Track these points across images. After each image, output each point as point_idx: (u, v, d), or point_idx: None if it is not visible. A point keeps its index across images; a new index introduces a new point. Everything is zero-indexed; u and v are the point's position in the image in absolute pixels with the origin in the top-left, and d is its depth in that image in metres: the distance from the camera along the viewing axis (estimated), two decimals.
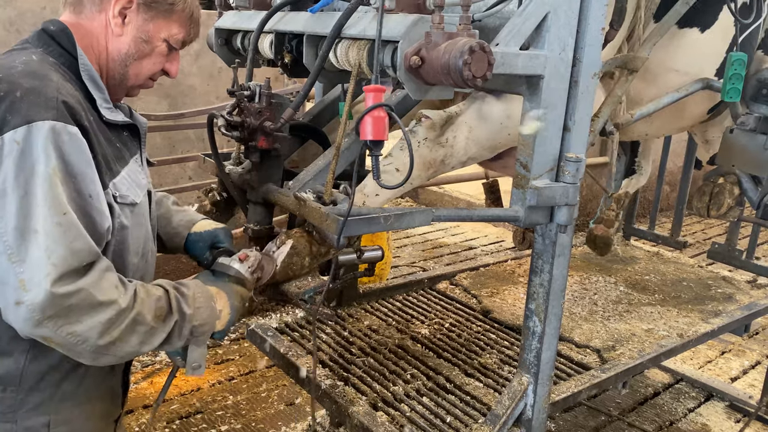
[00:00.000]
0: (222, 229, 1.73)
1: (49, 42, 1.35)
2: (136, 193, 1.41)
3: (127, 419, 3.16)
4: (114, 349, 1.24)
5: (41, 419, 1.33)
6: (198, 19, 1.54)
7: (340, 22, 1.56)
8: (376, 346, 2.53)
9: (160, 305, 1.32)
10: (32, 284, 1.14)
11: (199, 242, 1.69)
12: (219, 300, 1.46)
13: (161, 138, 3.84)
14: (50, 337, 1.18)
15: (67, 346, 1.20)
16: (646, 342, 2.64)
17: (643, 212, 7.28)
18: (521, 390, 1.97)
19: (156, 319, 1.30)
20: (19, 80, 1.21)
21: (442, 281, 3.25)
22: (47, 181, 1.16)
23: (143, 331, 1.27)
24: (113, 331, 1.22)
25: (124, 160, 1.41)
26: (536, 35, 1.62)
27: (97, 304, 1.19)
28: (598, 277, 3.39)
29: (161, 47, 1.46)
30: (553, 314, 1.92)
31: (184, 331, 1.36)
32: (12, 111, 1.17)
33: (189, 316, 1.37)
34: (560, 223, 1.79)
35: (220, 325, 1.45)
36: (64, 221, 1.17)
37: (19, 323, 1.16)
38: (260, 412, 3.33)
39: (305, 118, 2.16)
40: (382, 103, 1.34)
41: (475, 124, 1.83)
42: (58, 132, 1.18)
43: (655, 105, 2.19)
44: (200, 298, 1.42)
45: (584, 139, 1.78)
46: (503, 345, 2.61)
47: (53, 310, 1.15)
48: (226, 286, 1.51)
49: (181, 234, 1.71)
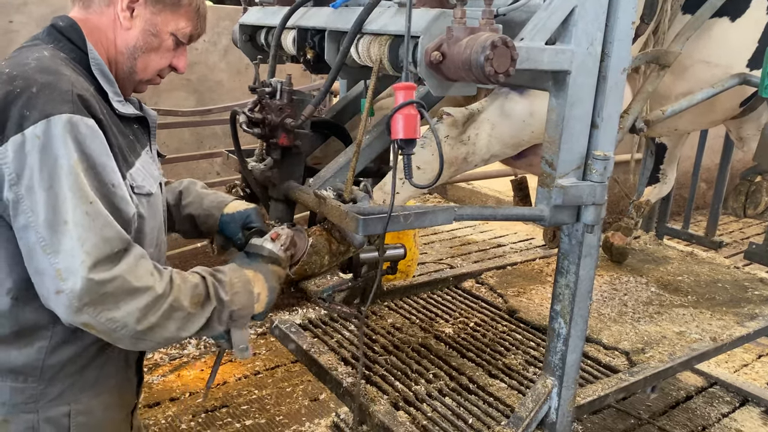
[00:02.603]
0: (253, 209, 1.73)
1: (59, 38, 1.37)
2: (151, 184, 1.42)
3: (154, 412, 3.21)
4: (152, 334, 1.26)
5: (62, 409, 1.35)
6: (205, 14, 1.54)
7: (361, 18, 1.54)
8: (399, 344, 2.51)
9: (198, 292, 1.34)
10: (68, 273, 1.16)
11: (232, 223, 1.70)
12: (257, 283, 1.48)
13: (189, 133, 3.88)
14: (91, 323, 1.20)
15: (107, 332, 1.22)
16: (677, 345, 2.56)
17: (678, 210, 7.11)
18: (545, 393, 1.93)
19: (194, 305, 1.32)
20: (33, 76, 1.22)
21: (468, 279, 3.21)
22: (71, 172, 1.18)
23: (181, 317, 1.29)
24: (151, 316, 1.24)
25: (137, 152, 1.42)
26: (563, 30, 1.57)
27: (133, 290, 1.22)
28: (628, 277, 3.32)
29: (168, 41, 1.46)
30: (579, 316, 1.87)
31: (223, 316, 1.38)
32: (29, 107, 1.19)
33: (227, 302, 1.39)
34: (587, 223, 1.75)
35: (259, 308, 1.47)
36: (91, 210, 1.19)
37: (61, 311, 1.19)
38: (284, 407, 3.34)
39: (328, 114, 2.14)
40: (414, 100, 1.31)
41: (497, 121, 1.79)
42: (76, 124, 1.20)
43: (689, 101, 2.11)
44: (237, 283, 1.43)
45: (613, 136, 1.73)
46: (529, 346, 2.57)
47: (90, 296, 1.17)
48: (261, 267, 1.52)
49: (213, 215, 1.72)
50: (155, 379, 3.51)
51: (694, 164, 4.05)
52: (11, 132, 1.18)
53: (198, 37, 1.57)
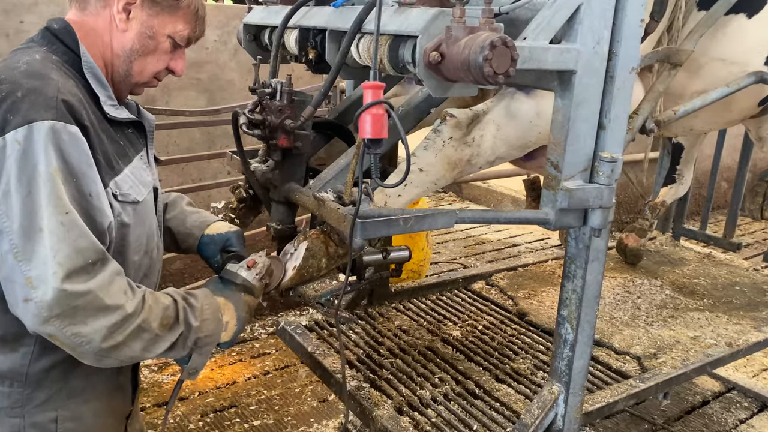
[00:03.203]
0: (234, 233, 1.72)
1: (53, 40, 1.36)
2: (139, 191, 1.40)
3: (162, 411, 3.21)
4: (117, 353, 1.25)
5: (49, 415, 1.34)
6: (204, 17, 1.52)
7: (360, 17, 1.51)
8: (406, 347, 2.48)
9: (168, 314, 1.32)
10: (39, 282, 1.15)
11: (211, 245, 1.69)
12: (226, 312, 1.47)
13: (200, 133, 3.87)
14: (56, 335, 1.19)
15: (71, 345, 1.21)
16: (691, 350, 2.50)
17: (698, 209, 6.98)
18: (551, 399, 1.89)
19: (162, 327, 1.30)
20: (20, 80, 1.21)
21: (478, 281, 3.17)
22: (49, 180, 1.16)
23: (147, 338, 1.28)
24: (117, 335, 1.22)
25: (127, 158, 1.40)
26: (568, 28, 1.53)
27: (104, 308, 1.20)
28: (642, 280, 3.25)
29: (165, 44, 1.45)
30: (586, 321, 1.83)
31: (188, 341, 1.37)
32: (13, 111, 1.18)
33: (195, 327, 1.37)
34: (594, 226, 1.70)
35: (226, 337, 1.47)
36: (66, 220, 1.17)
37: (28, 319, 1.18)
38: (293, 408, 3.33)
39: (331, 115, 2.12)
40: (381, 100, 1.28)
41: (503, 122, 1.75)
42: (58, 131, 1.18)
43: (702, 101, 2.05)
44: (207, 309, 1.42)
45: (621, 137, 1.68)
46: (538, 350, 2.53)
47: (60, 308, 1.16)
48: (233, 295, 1.51)
49: (194, 235, 1.70)
50: (165, 378, 3.52)
51: (712, 163, 3.97)
52: None
53: (197, 40, 1.55)
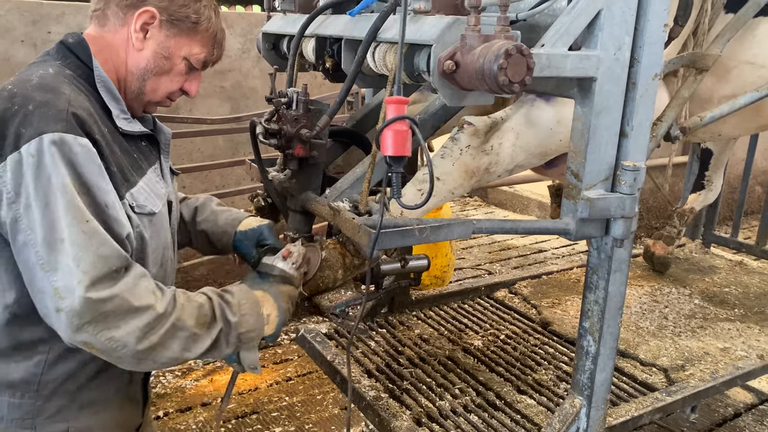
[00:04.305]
0: (266, 225, 1.71)
1: (67, 54, 1.37)
2: (155, 203, 1.40)
3: (185, 416, 3.23)
4: (154, 354, 1.25)
5: (59, 426, 1.35)
6: (222, 41, 1.52)
7: (375, 26, 1.49)
8: (426, 356, 2.45)
9: (203, 312, 1.32)
10: (66, 292, 1.16)
11: (245, 241, 1.69)
12: (265, 304, 1.45)
13: (224, 140, 3.91)
14: (91, 342, 1.19)
15: (107, 351, 1.21)
16: (721, 362, 2.43)
17: (730, 215, 6.81)
18: (573, 413, 1.85)
19: (199, 325, 1.30)
20: (32, 94, 1.23)
21: (501, 289, 3.13)
22: (65, 191, 1.17)
23: (184, 336, 1.27)
24: (152, 335, 1.22)
25: (141, 170, 1.41)
26: (588, 34, 1.49)
27: (133, 310, 1.21)
28: (671, 288, 3.17)
29: (180, 66, 1.45)
30: (609, 334, 1.78)
31: (230, 338, 1.36)
32: (25, 124, 1.19)
33: (235, 323, 1.37)
34: (616, 236, 1.66)
35: (269, 330, 1.45)
36: (87, 229, 1.18)
37: (62, 330, 1.19)
38: (314, 415, 3.32)
39: (349, 122, 2.10)
40: (405, 115, 1.26)
41: (522, 129, 1.71)
42: (69, 144, 1.19)
43: (730, 107, 1.99)
44: (245, 304, 1.41)
45: (644, 145, 1.64)
46: (561, 360, 2.48)
47: (90, 315, 1.17)
48: (271, 288, 1.50)
49: (228, 233, 1.71)
50: (188, 383, 3.54)
51: (744, 167, 3.86)
52: (9, 150, 1.18)
53: (213, 63, 1.55)
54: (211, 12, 1.47)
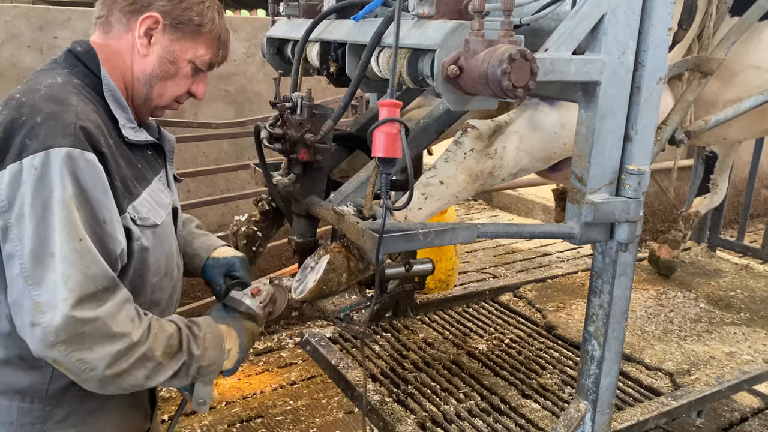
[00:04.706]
0: (239, 258, 1.73)
1: (76, 63, 1.37)
2: (158, 214, 1.40)
3: (190, 421, 3.24)
4: (120, 380, 1.25)
5: (68, 431, 1.35)
6: (227, 41, 1.52)
7: (379, 31, 1.50)
8: (430, 360, 2.45)
9: (171, 343, 1.33)
10: (48, 307, 1.16)
11: (215, 267, 1.70)
12: (229, 339, 1.48)
13: (228, 144, 3.92)
14: (60, 360, 1.19)
15: (75, 371, 1.21)
16: (727, 367, 2.42)
17: (735, 218, 6.79)
18: (578, 417, 1.84)
19: (165, 356, 1.31)
20: (40, 105, 1.23)
21: (506, 293, 3.12)
22: (64, 207, 1.17)
23: (151, 366, 1.28)
24: (122, 363, 1.23)
25: (146, 180, 1.41)
26: (591, 38, 1.49)
27: (111, 335, 1.21)
28: (676, 292, 3.16)
29: (186, 69, 1.45)
30: (614, 338, 1.78)
31: (191, 370, 1.37)
32: (31, 136, 1.19)
33: (197, 356, 1.38)
34: (621, 240, 1.65)
35: (228, 364, 1.48)
36: (80, 247, 1.18)
37: (34, 343, 1.19)
38: (319, 419, 3.32)
39: (353, 127, 2.11)
40: (396, 117, 1.26)
41: (526, 133, 1.71)
42: (75, 159, 1.19)
43: (735, 110, 1.98)
44: (210, 338, 1.43)
45: (648, 149, 1.63)
46: (566, 364, 2.47)
47: (67, 334, 1.17)
48: (236, 323, 1.52)
49: (200, 256, 1.72)
50: None
51: (749, 170, 3.85)
52: (10, 160, 1.18)
53: (219, 64, 1.56)
54: (214, 13, 1.47)
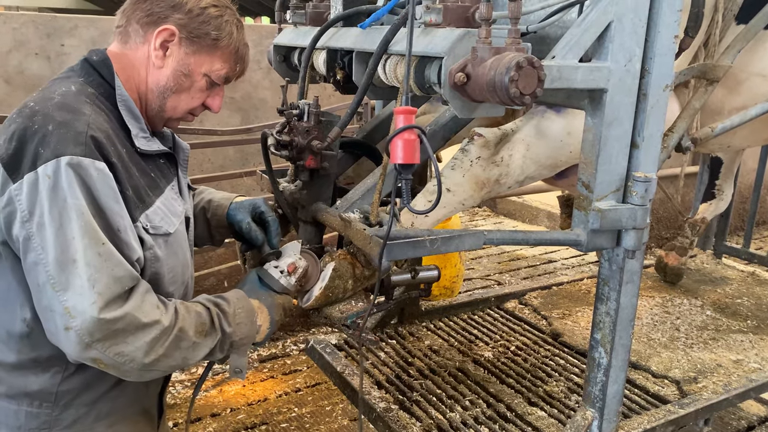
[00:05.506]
0: (261, 199, 1.74)
1: (91, 72, 1.38)
2: (170, 222, 1.41)
3: (195, 427, 3.23)
4: (159, 364, 1.28)
5: None
6: (245, 55, 1.51)
7: (386, 39, 1.50)
8: (436, 368, 2.45)
9: (201, 321, 1.35)
10: (77, 311, 1.18)
11: (240, 209, 1.71)
12: (260, 315, 1.49)
13: (234, 151, 3.93)
14: (99, 358, 1.22)
15: (115, 365, 1.24)
16: (734, 375, 2.41)
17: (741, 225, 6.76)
18: (585, 425, 1.83)
19: (198, 334, 1.34)
20: (52, 113, 1.24)
21: (511, 300, 3.12)
22: (80, 213, 1.19)
23: (186, 346, 1.31)
24: (159, 348, 1.26)
25: (159, 189, 1.41)
26: (598, 46, 1.50)
27: (142, 326, 1.23)
28: (682, 300, 3.15)
29: (201, 82, 1.44)
30: (621, 345, 1.77)
31: (224, 346, 1.40)
32: (44, 145, 1.20)
33: (229, 333, 1.40)
34: (627, 248, 1.65)
35: (259, 338, 1.50)
36: (103, 251, 1.20)
37: (70, 347, 1.20)
38: (324, 427, 3.31)
39: (359, 134, 2.11)
40: (414, 125, 1.27)
41: (533, 141, 1.72)
42: (86, 167, 1.20)
43: (741, 118, 1.98)
44: (241, 313, 1.44)
45: (655, 156, 1.64)
46: (572, 372, 2.46)
47: (101, 333, 1.19)
48: (268, 299, 1.53)
49: (223, 205, 1.73)
50: (199, 394, 3.54)
51: (756, 176, 3.84)
52: (26, 169, 1.19)
53: (237, 77, 1.55)
54: (233, 27, 1.46)
